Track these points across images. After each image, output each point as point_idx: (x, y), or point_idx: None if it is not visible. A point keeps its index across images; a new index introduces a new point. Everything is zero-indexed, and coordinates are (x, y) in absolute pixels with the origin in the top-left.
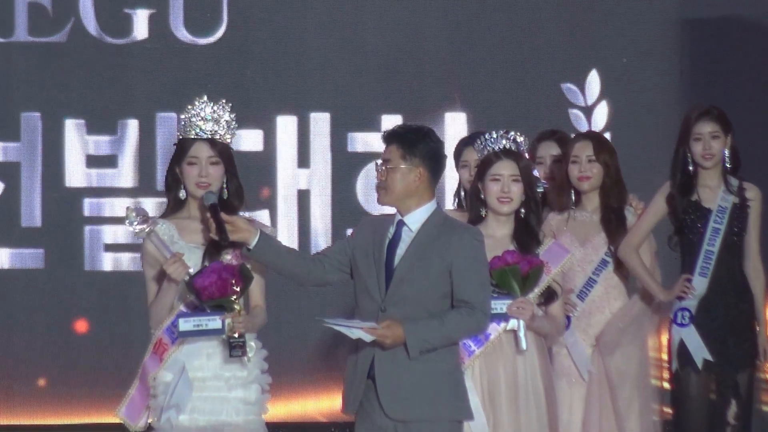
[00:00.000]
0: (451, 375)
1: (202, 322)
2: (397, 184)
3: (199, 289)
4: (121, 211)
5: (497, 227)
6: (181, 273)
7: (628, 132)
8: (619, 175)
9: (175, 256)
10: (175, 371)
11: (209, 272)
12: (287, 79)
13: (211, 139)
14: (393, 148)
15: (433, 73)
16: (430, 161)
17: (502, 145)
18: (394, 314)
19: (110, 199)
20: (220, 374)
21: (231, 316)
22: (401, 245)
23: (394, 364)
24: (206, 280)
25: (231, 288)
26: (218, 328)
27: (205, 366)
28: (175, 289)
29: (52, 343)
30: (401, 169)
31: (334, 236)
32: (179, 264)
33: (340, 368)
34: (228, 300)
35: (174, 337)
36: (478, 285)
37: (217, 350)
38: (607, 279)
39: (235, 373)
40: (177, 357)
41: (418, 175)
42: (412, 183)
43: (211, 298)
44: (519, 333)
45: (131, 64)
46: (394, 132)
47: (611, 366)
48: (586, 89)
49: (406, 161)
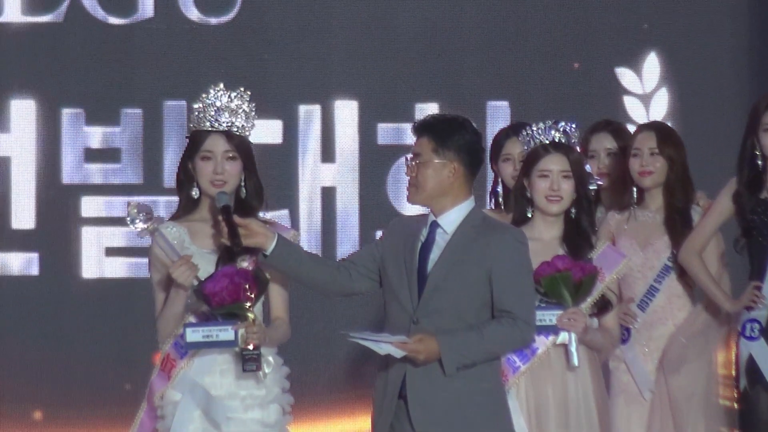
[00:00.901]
0: (493, 394)
1: (212, 332)
2: (428, 180)
3: (209, 295)
4: (124, 211)
5: (545, 229)
6: (189, 277)
7: (691, 122)
8: (685, 171)
9: (183, 258)
10: (185, 390)
11: (221, 276)
12: (310, 63)
13: (227, 131)
14: (424, 140)
15: (473, 56)
16: (465, 155)
17: (551, 138)
18: (427, 327)
19: (112, 198)
20: (235, 393)
21: (244, 326)
22: (435, 249)
23: (428, 383)
24: (217, 284)
25: (244, 294)
26: (230, 340)
27: (218, 384)
28: (183, 296)
29: (47, 359)
30: (433, 164)
31: (362, 240)
32: (187, 267)
33: (368, 387)
34: (241, 307)
35: (183, 351)
36: (522, 292)
37: (231, 366)
38: (670, 287)
39: (252, 392)
40: (186, 374)
41: (452, 170)
42: (446, 179)
43: (222, 305)
44: (570, 347)
45: (135, 46)
46: (425, 122)
47: (675, 385)
48: (643, 74)
49: (438, 155)
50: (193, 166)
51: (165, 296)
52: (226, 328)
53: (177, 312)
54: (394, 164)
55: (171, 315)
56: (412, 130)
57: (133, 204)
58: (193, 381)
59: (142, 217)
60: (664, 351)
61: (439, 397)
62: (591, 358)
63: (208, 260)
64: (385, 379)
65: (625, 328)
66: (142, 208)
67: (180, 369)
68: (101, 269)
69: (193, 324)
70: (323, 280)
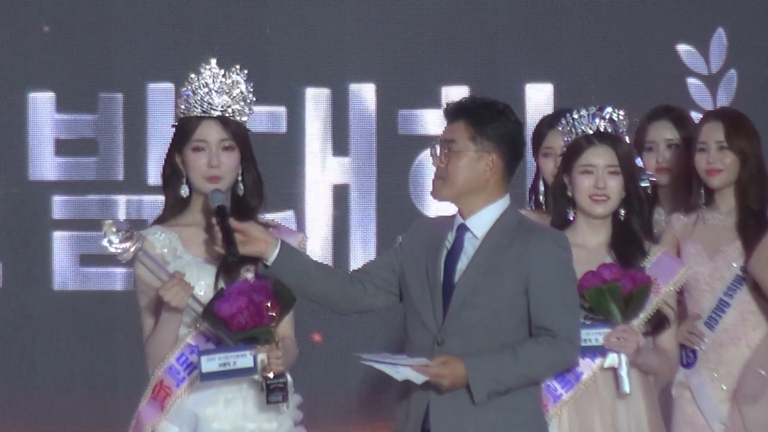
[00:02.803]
0: (531, 425)
1: (228, 359)
2: (460, 173)
3: (227, 319)
4: (102, 212)
5: (590, 234)
6: (184, 298)
7: (763, 109)
8: (760, 167)
9: (174, 277)
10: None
11: (236, 295)
12: (319, 39)
13: (222, 116)
14: (460, 125)
15: (510, 32)
16: (506, 146)
17: (595, 127)
18: (454, 348)
19: (87, 197)
20: (242, 426)
21: (266, 351)
22: (463, 257)
23: (455, 413)
24: (233, 305)
25: (267, 314)
26: (249, 367)
27: (222, 416)
28: (177, 319)
29: (10, 386)
30: (469, 154)
31: (379, 246)
32: (180, 287)
33: (387, 419)
34: (266, 330)
35: (179, 378)
36: (564, 307)
37: (238, 395)
38: (743, 302)
39: (262, 426)
40: (183, 405)
41: (490, 163)
42: (482, 174)
43: (244, 330)
44: (620, 371)
45: (115, 19)
46: (461, 105)
47: (751, 418)
48: (710, 53)
49: (476, 144)
50: (182, 159)
51: (154, 321)
52: (244, 354)
53: (170, 337)
54: (417, 157)
55: (163, 340)
56: (444, 113)
57: (109, 222)
58: (193, 413)
59: (120, 237)
60: (738, 382)
61: (468, 430)
62: (645, 383)
63: (207, 271)
64: (405, 409)
65: (691, 350)
66: (119, 226)
67: (176, 398)
68: (75, 280)
69: (208, 351)
70: (333, 295)
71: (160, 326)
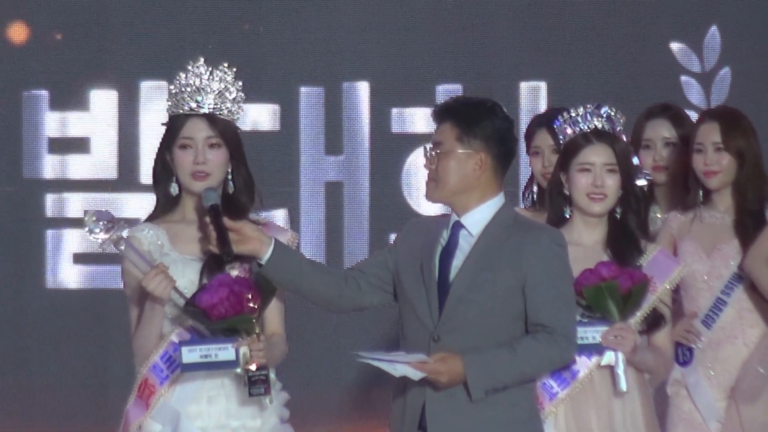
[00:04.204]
0: (527, 423)
1: (210, 351)
2: (451, 174)
3: (207, 309)
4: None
5: (586, 232)
6: (167, 288)
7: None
8: (757, 166)
9: (157, 267)
10: (166, 421)
11: (217, 286)
12: (313, 38)
13: (209, 114)
14: (446, 127)
15: (505, 29)
16: (494, 144)
17: (593, 125)
18: (450, 345)
19: (80, 195)
20: (225, 424)
21: (246, 343)
22: (458, 254)
23: (452, 410)
24: (214, 295)
25: (247, 304)
26: (231, 360)
27: (206, 413)
28: (161, 312)
29: (5, 384)
30: (457, 155)
31: (373, 244)
32: (162, 277)
33: (381, 416)
34: (245, 320)
35: (163, 376)
36: (561, 303)
37: (221, 392)
38: (740, 300)
39: (246, 423)
40: (166, 402)
41: (479, 162)
42: (472, 173)
43: (223, 319)
44: (617, 369)
45: (108, 18)
46: (447, 106)
47: (748, 416)
48: (703, 51)
49: (463, 144)
50: (171, 157)
51: (139, 313)
52: (226, 347)
53: (154, 331)
54: (410, 156)
55: (148, 334)
56: (432, 115)
57: (90, 212)
58: (175, 410)
59: (102, 226)
60: (736, 380)
61: (465, 427)
62: (641, 382)
63: (192, 268)
64: (402, 406)
65: (688, 348)
66: (100, 216)
67: (159, 396)
68: (68, 278)
69: (189, 342)
70: (327, 293)
71: (144, 320)
